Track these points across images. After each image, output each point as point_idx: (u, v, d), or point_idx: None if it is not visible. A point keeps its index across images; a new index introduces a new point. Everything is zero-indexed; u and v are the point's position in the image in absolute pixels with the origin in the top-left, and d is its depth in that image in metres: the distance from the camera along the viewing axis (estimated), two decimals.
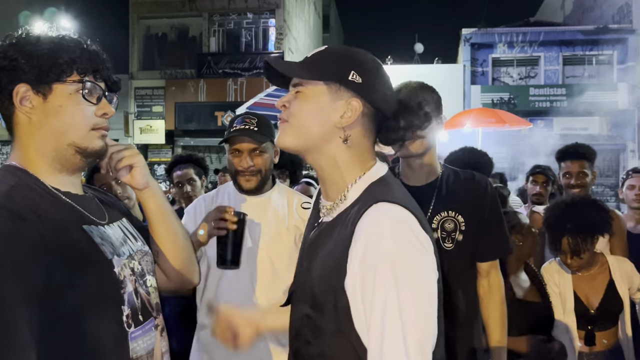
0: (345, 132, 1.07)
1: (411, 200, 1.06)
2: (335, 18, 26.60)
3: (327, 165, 1.10)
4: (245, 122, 1.88)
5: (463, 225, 1.80)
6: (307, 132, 1.08)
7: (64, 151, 1.10)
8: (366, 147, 1.10)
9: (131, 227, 1.27)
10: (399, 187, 1.09)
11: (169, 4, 15.09)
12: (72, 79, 1.09)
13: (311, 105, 1.07)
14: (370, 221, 0.97)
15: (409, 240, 0.95)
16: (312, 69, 1.08)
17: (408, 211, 0.99)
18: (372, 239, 0.95)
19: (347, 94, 1.06)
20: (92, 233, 1.08)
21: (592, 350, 2.31)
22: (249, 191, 1.91)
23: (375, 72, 1.09)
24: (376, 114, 1.09)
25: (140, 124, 14.88)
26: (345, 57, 1.09)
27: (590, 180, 3.02)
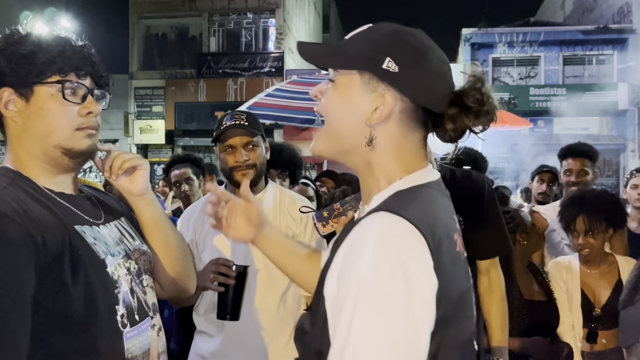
0: (372, 131, 0.90)
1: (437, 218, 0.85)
2: (335, 18, 26.60)
3: (361, 168, 0.94)
4: (234, 118, 1.86)
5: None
6: (338, 132, 0.93)
7: (51, 153, 1.09)
8: (408, 148, 0.91)
9: (129, 227, 1.25)
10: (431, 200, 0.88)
11: (169, 4, 15.08)
12: (52, 79, 1.07)
13: (341, 97, 0.92)
14: (358, 229, 0.82)
15: (390, 268, 0.75)
16: (341, 55, 0.92)
17: (414, 228, 0.78)
18: (350, 252, 0.80)
19: (381, 85, 0.88)
20: (84, 233, 1.07)
21: (593, 350, 2.31)
22: None
23: (417, 58, 0.88)
24: (423, 109, 0.90)
25: (140, 124, 14.88)
26: (383, 40, 0.89)
27: (591, 179, 3.04)
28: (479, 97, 0.88)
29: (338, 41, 0.98)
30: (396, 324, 0.74)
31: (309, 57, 0.95)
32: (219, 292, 1.65)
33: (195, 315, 1.95)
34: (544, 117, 13.84)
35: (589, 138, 12.58)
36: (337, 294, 0.79)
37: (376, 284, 0.74)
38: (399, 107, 0.89)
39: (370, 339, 0.73)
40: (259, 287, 1.83)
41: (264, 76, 14.22)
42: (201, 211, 1.96)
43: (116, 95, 15.33)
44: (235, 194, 2.04)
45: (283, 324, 1.87)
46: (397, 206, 0.82)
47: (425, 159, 0.94)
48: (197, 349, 1.91)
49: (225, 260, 1.65)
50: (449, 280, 0.80)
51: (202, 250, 1.90)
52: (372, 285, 0.74)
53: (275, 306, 1.86)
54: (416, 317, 0.75)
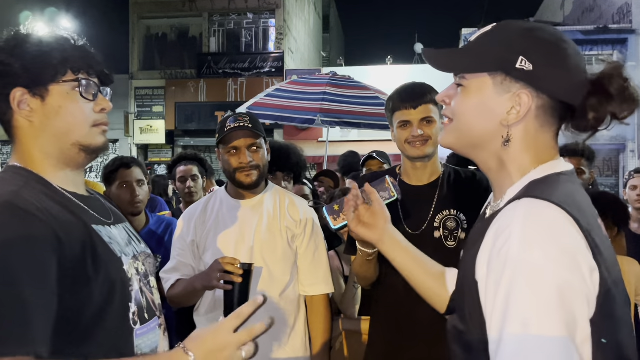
0: (509, 131, 0.89)
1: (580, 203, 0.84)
2: (335, 18, 26.60)
3: (494, 165, 0.94)
4: (238, 120, 1.88)
5: (465, 223, 1.81)
6: (470, 131, 0.93)
7: (68, 151, 1.10)
8: (543, 142, 0.91)
9: (134, 231, 1.29)
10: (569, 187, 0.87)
11: (169, 4, 15.09)
12: (67, 78, 1.08)
13: (473, 101, 0.92)
14: (503, 215, 0.82)
15: (544, 245, 0.74)
16: (471, 59, 0.92)
17: (562, 211, 0.77)
18: (500, 236, 0.79)
19: (516, 85, 0.88)
20: (100, 232, 1.09)
21: None
22: (248, 187, 1.90)
23: (553, 53, 0.87)
24: (559, 104, 0.89)
25: (141, 124, 14.88)
26: (512, 39, 0.88)
27: (587, 179, 3.03)
28: (622, 83, 0.87)
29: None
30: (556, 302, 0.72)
31: (437, 64, 0.95)
32: (225, 290, 1.65)
33: (196, 316, 1.96)
34: None
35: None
36: (489, 277, 0.79)
37: (531, 261, 0.74)
38: (535, 105, 0.89)
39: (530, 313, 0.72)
40: (259, 285, 1.84)
41: (264, 76, 14.23)
42: (202, 211, 1.97)
43: (116, 95, 15.24)
44: (237, 195, 2.04)
45: (283, 320, 1.88)
46: (540, 191, 0.82)
47: (557, 151, 0.94)
48: None
49: (231, 258, 1.66)
50: (607, 262, 0.79)
51: (204, 251, 1.91)
52: (527, 261, 0.74)
53: (276, 304, 1.88)
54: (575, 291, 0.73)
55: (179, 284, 1.86)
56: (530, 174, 0.90)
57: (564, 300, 0.73)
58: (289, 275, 1.91)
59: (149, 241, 2.38)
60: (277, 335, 1.87)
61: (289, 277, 1.91)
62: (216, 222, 1.93)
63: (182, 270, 1.90)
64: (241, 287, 1.65)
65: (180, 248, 1.94)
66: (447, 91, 0.98)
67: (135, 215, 2.45)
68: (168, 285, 1.89)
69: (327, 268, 1.99)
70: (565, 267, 0.74)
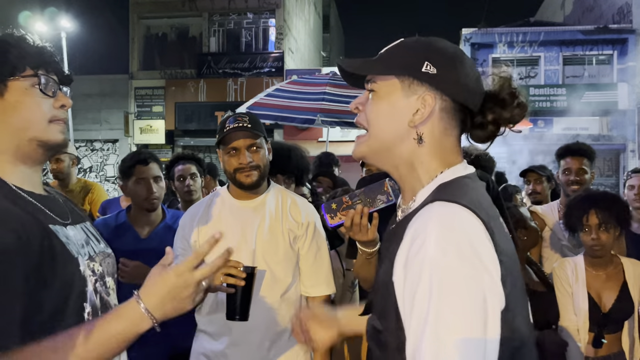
0: (418, 130, 0.95)
1: (485, 204, 0.90)
2: (335, 18, 26.60)
3: (404, 169, 0.99)
4: (237, 120, 1.87)
5: None
6: (383, 135, 0.98)
7: (25, 147, 1.10)
8: (448, 145, 0.97)
9: (94, 230, 1.27)
10: (475, 189, 0.93)
11: (169, 4, 15.09)
12: (26, 74, 1.09)
13: (384, 105, 0.98)
14: (418, 220, 0.86)
15: (458, 249, 0.79)
16: (382, 63, 0.99)
17: (471, 213, 0.83)
18: (416, 239, 0.83)
19: (422, 88, 0.95)
20: (57, 232, 1.08)
21: (597, 355, 2.27)
22: (249, 187, 1.90)
23: (455, 61, 0.96)
24: (460, 107, 0.97)
25: (140, 124, 14.88)
26: (418, 47, 0.97)
27: (589, 179, 3.03)
28: (511, 91, 0.97)
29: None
30: (471, 299, 0.77)
31: (351, 68, 1.01)
32: (228, 293, 1.65)
33: (198, 316, 1.95)
34: (544, 117, 13.84)
35: (589, 138, 12.59)
36: (406, 279, 0.83)
37: (446, 261, 0.78)
38: (439, 106, 0.95)
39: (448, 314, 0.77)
40: (261, 288, 1.84)
41: (264, 76, 14.23)
42: (204, 212, 1.96)
43: (116, 95, 15.36)
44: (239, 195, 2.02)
45: (284, 323, 1.88)
46: (449, 195, 0.88)
47: (461, 154, 1.00)
48: (201, 348, 1.92)
49: (234, 262, 1.65)
50: (509, 259, 0.85)
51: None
52: (443, 264, 0.78)
53: (277, 306, 1.88)
54: (488, 290, 0.79)
55: None
56: (438, 177, 0.95)
57: (479, 298, 0.78)
58: (290, 277, 1.90)
59: (165, 235, 2.37)
60: (278, 336, 1.87)
61: (290, 278, 1.90)
62: (218, 223, 1.92)
63: None
64: (244, 290, 1.64)
65: (182, 248, 1.93)
66: (359, 99, 1.03)
67: (151, 211, 2.45)
68: None
69: (329, 269, 1.99)
70: (478, 267, 0.79)
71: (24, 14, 12.49)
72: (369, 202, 1.55)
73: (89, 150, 15.12)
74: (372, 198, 1.54)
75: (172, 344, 2.31)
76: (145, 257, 2.14)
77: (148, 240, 2.40)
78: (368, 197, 1.54)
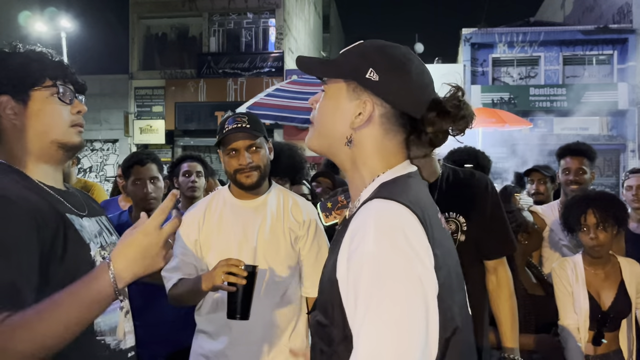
0: (352, 133, 1.01)
1: (423, 201, 0.96)
2: (335, 18, 26.61)
3: (348, 166, 1.05)
4: (236, 121, 1.87)
5: (465, 225, 1.81)
6: (326, 133, 1.05)
7: (47, 148, 1.26)
8: (389, 147, 1.02)
9: (108, 224, 1.42)
10: (414, 187, 0.99)
11: (169, 4, 15.09)
12: (46, 84, 1.25)
13: (330, 105, 1.04)
14: (358, 217, 0.92)
15: (393, 241, 0.85)
16: (331, 66, 1.05)
17: (407, 209, 0.89)
18: (355, 235, 0.89)
19: (365, 93, 1.00)
20: (73, 220, 1.23)
21: (596, 353, 2.29)
22: (249, 188, 1.90)
23: (400, 70, 1.00)
24: (401, 113, 1.01)
25: (140, 124, 14.88)
26: (368, 53, 1.02)
27: (588, 179, 3.03)
28: (456, 103, 1.00)
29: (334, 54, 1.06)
30: (409, 285, 0.83)
31: (306, 69, 1.07)
32: (229, 291, 1.65)
33: (198, 316, 1.95)
34: (544, 117, 13.84)
35: (589, 138, 12.60)
36: (349, 273, 0.88)
37: (382, 254, 0.84)
38: (379, 112, 1.01)
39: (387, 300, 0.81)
40: (262, 288, 1.84)
41: (264, 76, 14.23)
42: (205, 211, 1.96)
43: (116, 95, 15.35)
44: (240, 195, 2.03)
45: (284, 322, 1.88)
46: (387, 193, 0.94)
47: (405, 155, 1.05)
48: (200, 348, 1.92)
49: (236, 260, 1.65)
50: (444, 252, 0.92)
51: (208, 251, 1.90)
52: (379, 256, 0.84)
53: (277, 306, 1.88)
54: (424, 277, 0.85)
55: (181, 283, 1.86)
56: (380, 177, 1.01)
57: (416, 284, 0.84)
58: (291, 277, 1.91)
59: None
60: (278, 336, 1.87)
61: (291, 279, 1.90)
62: (219, 223, 1.92)
63: (184, 270, 1.89)
64: (245, 289, 1.64)
65: (183, 247, 1.93)
66: (316, 96, 1.10)
67: (148, 211, 2.46)
68: (170, 284, 1.88)
69: None
70: (411, 256, 0.85)
71: (24, 14, 12.50)
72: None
73: (88, 150, 15.12)
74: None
75: (171, 344, 2.32)
76: None
77: None
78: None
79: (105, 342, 1.25)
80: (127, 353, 1.32)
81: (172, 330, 2.35)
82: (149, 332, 1.54)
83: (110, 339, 1.26)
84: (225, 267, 1.64)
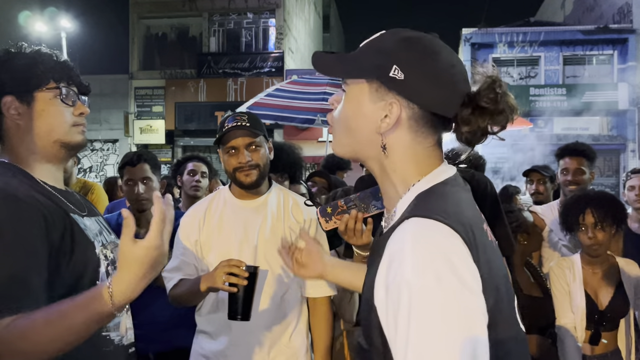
0: (383, 139, 0.91)
1: (466, 213, 0.85)
2: (335, 18, 26.61)
3: (377, 172, 0.96)
4: (236, 119, 1.87)
5: None
6: (349, 137, 0.95)
7: (50, 147, 1.28)
8: (421, 152, 0.91)
9: (106, 223, 1.46)
10: (454, 197, 0.88)
11: (169, 4, 15.09)
12: (50, 86, 1.28)
13: (351, 107, 0.94)
14: (395, 237, 0.82)
15: (434, 267, 0.75)
16: (351, 64, 0.93)
17: (448, 228, 0.79)
18: (393, 260, 0.80)
19: (389, 93, 0.89)
20: (77, 220, 1.26)
21: (594, 353, 2.29)
22: (249, 186, 1.90)
23: (427, 65, 0.88)
24: (433, 114, 0.90)
25: (140, 124, 14.88)
26: (391, 47, 0.89)
27: (587, 179, 3.02)
28: (492, 97, 0.87)
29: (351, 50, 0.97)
30: (453, 320, 0.74)
31: (323, 69, 0.97)
32: (230, 292, 1.64)
33: (198, 316, 1.95)
34: (544, 117, 13.84)
35: (589, 138, 12.60)
36: (388, 303, 0.79)
37: (424, 285, 0.74)
38: (406, 114, 0.89)
39: (431, 340, 0.73)
40: (262, 288, 1.84)
41: (264, 76, 14.23)
42: (206, 211, 1.96)
43: (116, 95, 15.34)
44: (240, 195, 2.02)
45: (284, 323, 1.88)
46: (424, 209, 0.83)
47: (440, 159, 0.94)
48: (200, 349, 1.91)
49: (237, 261, 1.65)
50: (490, 270, 0.82)
51: (209, 251, 1.90)
52: (421, 288, 0.74)
53: (278, 306, 1.87)
54: (471, 309, 0.75)
55: (182, 283, 1.85)
56: (415, 186, 0.90)
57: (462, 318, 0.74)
58: (292, 277, 1.90)
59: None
60: (279, 337, 1.87)
61: (292, 279, 1.90)
62: (220, 223, 1.92)
63: (185, 270, 1.89)
64: (246, 289, 1.64)
65: (183, 247, 1.92)
66: (337, 95, 0.99)
67: (140, 212, 2.46)
68: (170, 284, 1.87)
69: None
70: (457, 286, 0.75)
71: (24, 14, 12.50)
72: (363, 208, 1.55)
73: (88, 150, 15.11)
74: (366, 204, 1.54)
75: (162, 343, 2.32)
76: None
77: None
78: (362, 203, 1.55)
79: (110, 338, 1.29)
80: (128, 349, 1.36)
81: (164, 330, 2.35)
82: (141, 331, 1.54)
83: (114, 335, 1.31)
84: (227, 268, 1.63)
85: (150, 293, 2.16)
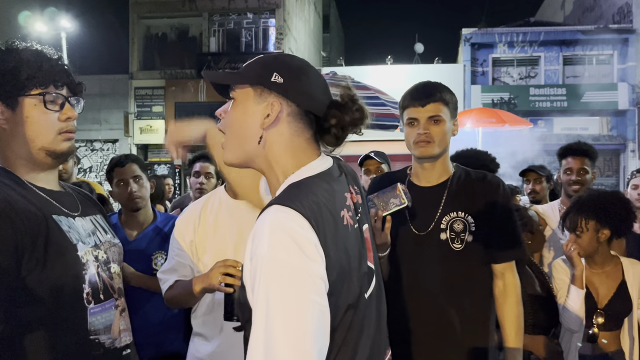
0: (263, 132, 1.09)
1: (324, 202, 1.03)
2: (335, 18, 26.60)
3: (265, 168, 1.12)
4: None
5: (473, 225, 1.79)
6: (239, 140, 1.11)
7: (35, 154, 1.27)
8: (298, 145, 1.10)
9: (103, 222, 1.45)
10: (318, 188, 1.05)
11: (169, 4, 15.09)
12: (34, 92, 1.25)
13: (239, 110, 1.11)
14: (260, 219, 0.99)
15: (283, 244, 0.93)
16: (237, 74, 1.13)
17: (300, 215, 0.96)
18: (255, 237, 0.97)
19: (271, 95, 1.08)
20: (60, 222, 1.25)
21: (595, 352, 2.29)
22: None
23: (301, 73, 1.10)
24: (306, 112, 1.10)
25: (140, 124, 14.88)
26: (270, 61, 1.11)
27: (590, 179, 3.02)
28: (350, 96, 1.11)
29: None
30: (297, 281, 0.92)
31: (213, 78, 1.15)
32: (226, 293, 1.64)
33: (193, 318, 1.93)
34: (544, 117, 13.84)
35: (589, 138, 12.60)
36: (250, 271, 0.96)
37: (275, 256, 0.93)
38: (286, 112, 1.09)
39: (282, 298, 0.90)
40: None
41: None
42: (201, 211, 1.95)
43: (116, 95, 15.35)
44: (236, 195, 2.00)
45: None
46: (285, 199, 1.00)
47: (316, 153, 1.13)
48: (196, 352, 1.89)
49: (233, 261, 1.64)
50: (337, 250, 1.00)
51: (204, 252, 1.88)
52: (272, 258, 0.92)
53: None
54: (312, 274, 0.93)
55: (177, 285, 1.84)
56: (290, 177, 1.08)
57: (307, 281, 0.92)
58: None
59: (153, 237, 2.39)
60: None
61: None
62: (215, 223, 1.91)
63: (180, 271, 1.88)
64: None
65: (179, 248, 1.91)
66: (224, 107, 1.17)
67: (135, 211, 2.44)
68: (166, 286, 1.86)
69: None
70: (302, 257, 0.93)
71: (24, 14, 12.49)
72: (382, 206, 1.58)
73: (88, 150, 15.12)
74: (385, 202, 1.58)
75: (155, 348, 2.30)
76: (131, 258, 2.14)
77: (136, 242, 2.39)
78: (381, 201, 1.58)
79: (99, 341, 1.27)
80: (122, 351, 1.34)
81: (157, 334, 2.33)
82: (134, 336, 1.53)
83: (104, 338, 1.28)
84: (223, 268, 1.63)
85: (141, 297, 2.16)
